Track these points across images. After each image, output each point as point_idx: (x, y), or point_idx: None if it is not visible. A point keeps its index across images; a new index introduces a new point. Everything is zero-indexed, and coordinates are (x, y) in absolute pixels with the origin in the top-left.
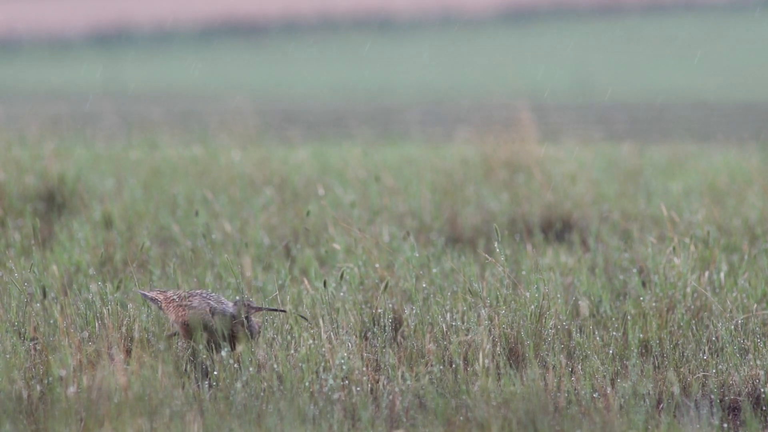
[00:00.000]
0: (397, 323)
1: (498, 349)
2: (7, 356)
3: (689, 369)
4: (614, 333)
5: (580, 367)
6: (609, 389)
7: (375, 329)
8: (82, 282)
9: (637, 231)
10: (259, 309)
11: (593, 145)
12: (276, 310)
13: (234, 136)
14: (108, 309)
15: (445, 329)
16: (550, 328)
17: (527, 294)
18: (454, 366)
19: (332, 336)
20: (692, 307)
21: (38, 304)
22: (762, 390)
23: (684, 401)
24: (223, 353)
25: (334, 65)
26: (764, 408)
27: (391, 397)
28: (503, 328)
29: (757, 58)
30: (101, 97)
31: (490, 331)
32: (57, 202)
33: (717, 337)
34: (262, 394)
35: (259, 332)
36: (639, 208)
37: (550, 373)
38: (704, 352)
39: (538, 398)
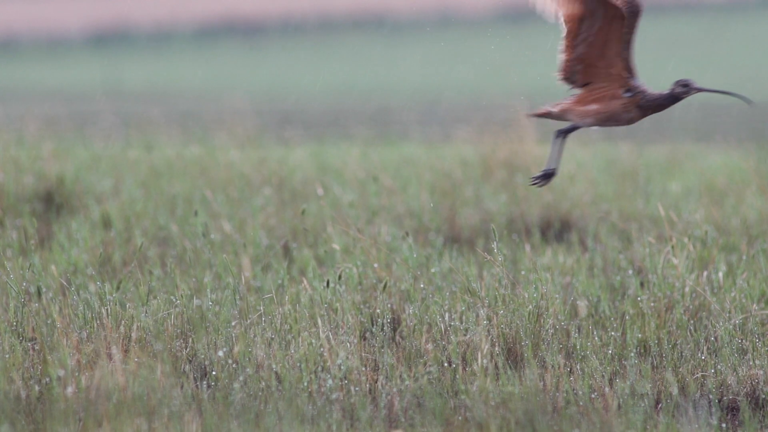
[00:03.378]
0: (396, 323)
1: (496, 349)
2: (6, 356)
3: (688, 369)
4: (612, 333)
5: (578, 367)
6: (607, 389)
7: (373, 329)
8: (81, 282)
9: (635, 231)
10: (701, 90)
11: (592, 145)
12: (723, 92)
13: (233, 136)
14: (106, 309)
15: (443, 329)
16: (549, 328)
17: (526, 294)
18: (452, 366)
19: (331, 336)
20: (691, 307)
21: (36, 304)
22: (761, 390)
23: (682, 401)
24: (220, 353)
25: (332, 65)
26: (763, 408)
27: (389, 397)
28: (502, 328)
29: (757, 58)
30: (100, 97)
31: (488, 331)
32: (55, 202)
33: (715, 337)
34: (260, 394)
35: None
36: (637, 208)
37: (548, 373)
38: (703, 352)
39: (536, 398)
